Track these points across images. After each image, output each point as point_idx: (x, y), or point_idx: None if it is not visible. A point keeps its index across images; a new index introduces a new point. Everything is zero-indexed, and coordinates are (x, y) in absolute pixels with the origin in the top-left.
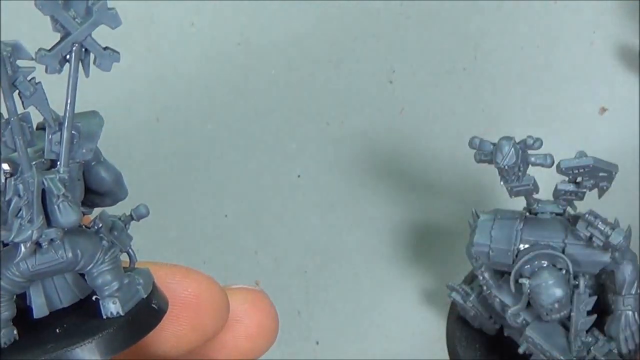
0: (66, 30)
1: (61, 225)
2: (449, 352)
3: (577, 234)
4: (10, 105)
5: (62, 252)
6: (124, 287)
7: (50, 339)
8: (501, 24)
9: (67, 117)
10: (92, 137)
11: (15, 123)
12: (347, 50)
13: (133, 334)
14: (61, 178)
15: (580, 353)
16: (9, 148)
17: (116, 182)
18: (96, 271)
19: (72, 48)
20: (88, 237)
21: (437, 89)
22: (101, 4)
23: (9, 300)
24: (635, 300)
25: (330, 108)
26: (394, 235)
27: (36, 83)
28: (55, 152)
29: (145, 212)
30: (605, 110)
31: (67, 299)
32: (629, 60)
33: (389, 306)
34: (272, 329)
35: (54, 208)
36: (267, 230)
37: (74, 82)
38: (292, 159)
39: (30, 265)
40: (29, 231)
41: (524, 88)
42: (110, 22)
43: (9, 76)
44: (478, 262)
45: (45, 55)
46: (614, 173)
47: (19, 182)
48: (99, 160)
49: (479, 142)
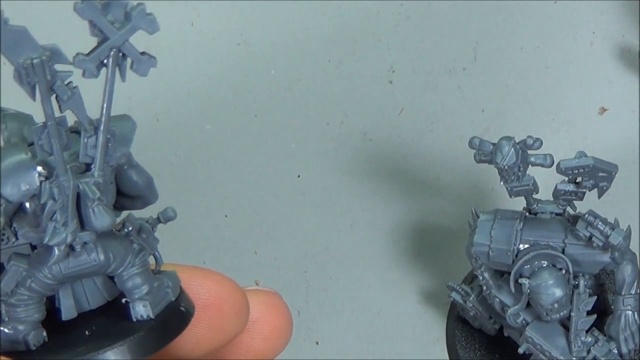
0: (104, 35)
1: (95, 229)
2: (449, 352)
3: (577, 234)
4: (47, 109)
5: (94, 255)
6: (153, 290)
7: (80, 341)
8: (501, 24)
9: (103, 121)
10: (126, 141)
11: (53, 127)
12: (347, 50)
13: (163, 337)
14: (96, 182)
15: (580, 353)
16: (45, 152)
17: (148, 185)
18: (126, 274)
19: (110, 53)
20: (119, 240)
21: (437, 89)
22: (140, 9)
23: (39, 302)
24: (635, 300)
25: (330, 108)
26: (394, 235)
27: (73, 87)
28: (90, 156)
29: (173, 215)
30: (605, 110)
31: (94, 302)
32: (629, 60)
33: (389, 306)
34: (286, 330)
35: (88, 212)
36: (267, 230)
37: (111, 86)
38: (292, 159)
39: (63, 268)
40: (63, 234)
41: (524, 88)
42: (148, 27)
43: (48, 80)
44: (478, 262)
45: (83, 59)
46: (614, 173)
47: (54, 186)
48: (131, 164)
49: (479, 142)
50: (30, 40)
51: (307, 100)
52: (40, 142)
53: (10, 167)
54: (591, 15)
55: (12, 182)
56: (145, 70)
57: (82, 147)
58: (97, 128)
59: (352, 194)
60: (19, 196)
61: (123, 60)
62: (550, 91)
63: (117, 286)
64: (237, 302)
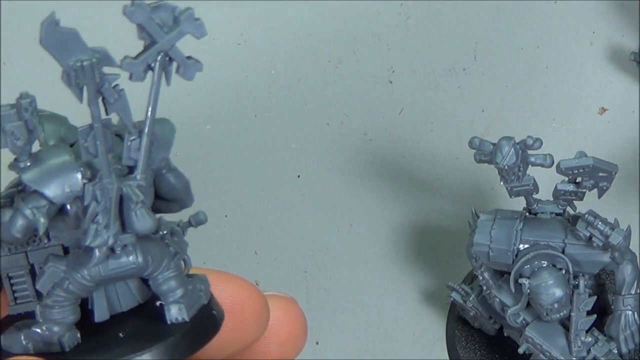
0: (152, 38)
1: (137, 231)
2: (449, 352)
3: (577, 234)
4: (95, 111)
5: (133, 258)
6: (188, 294)
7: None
8: (501, 24)
9: (147, 124)
10: (166, 144)
11: (99, 129)
12: (347, 50)
13: (197, 340)
14: (139, 185)
15: (580, 353)
16: (90, 154)
17: (185, 189)
18: (161, 277)
19: (158, 57)
20: (156, 243)
21: (437, 89)
22: (188, 13)
23: (74, 304)
24: (635, 300)
25: (330, 108)
26: (394, 235)
27: (120, 90)
28: (133, 159)
29: (204, 219)
30: (605, 110)
31: (126, 304)
32: (629, 60)
33: (389, 306)
34: (302, 336)
35: (130, 214)
36: (267, 230)
37: (157, 90)
38: (292, 159)
39: (102, 270)
40: (105, 236)
41: (524, 88)
42: (196, 32)
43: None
44: (478, 262)
45: (131, 63)
46: (614, 173)
47: (97, 188)
48: (170, 168)
49: (479, 142)
50: (80, 42)
51: (307, 100)
52: (86, 144)
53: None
54: (591, 15)
55: (56, 184)
56: (191, 75)
57: (125, 150)
58: (142, 131)
59: (352, 194)
60: (63, 198)
61: (169, 64)
62: (550, 91)
63: (152, 289)
64: (259, 307)
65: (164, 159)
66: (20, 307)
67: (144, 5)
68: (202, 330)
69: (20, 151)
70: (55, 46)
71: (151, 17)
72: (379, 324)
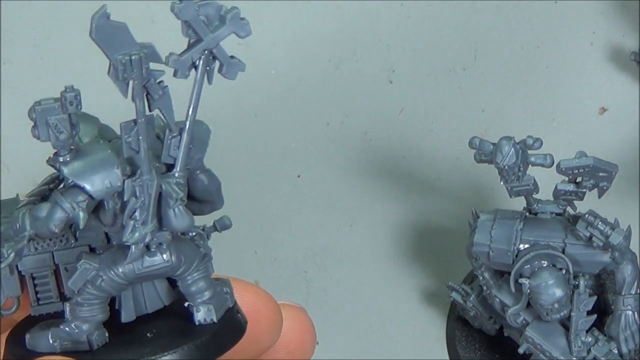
0: (198, 36)
1: (174, 229)
2: (449, 352)
3: (577, 234)
4: (139, 107)
5: (167, 257)
6: (216, 295)
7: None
8: (501, 24)
9: (188, 122)
10: (202, 145)
11: (142, 125)
12: (347, 50)
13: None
14: (177, 182)
15: (580, 353)
16: (132, 149)
17: (217, 191)
18: (190, 278)
19: (202, 54)
20: (188, 244)
21: (437, 89)
22: (235, 13)
23: (104, 302)
24: (635, 300)
25: (330, 108)
26: (394, 235)
27: (164, 86)
28: (172, 157)
29: (229, 223)
30: (605, 110)
31: (152, 306)
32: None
33: (389, 306)
34: (311, 345)
35: (168, 212)
36: (267, 230)
37: (199, 88)
38: (292, 159)
39: (136, 268)
40: (143, 233)
41: (524, 88)
42: (241, 32)
43: (143, 78)
44: (478, 262)
45: (177, 59)
46: (614, 173)
47: (137, 184)
48: (204, 169)
49: (479, 142)
50: (129, 36)
51: (307, 100)
52: (129, 139)
53: (96, 163)
54: (591, 15)
55: (97, 178)
56: (233, 74)
57: (165, 148)
58: (182, 129)
59: (352, 194)
60: (103, 193)
61: (212, 63)
62: (550, 91)
63: (180, 290)
64: (274, 316)
65: (200, 159)
66: (43, 308)
67: (192, 3)
68: (230, 332)
69: (62, 145)
70: (105, 40)
71: (198, 15)
72: (379, 324)
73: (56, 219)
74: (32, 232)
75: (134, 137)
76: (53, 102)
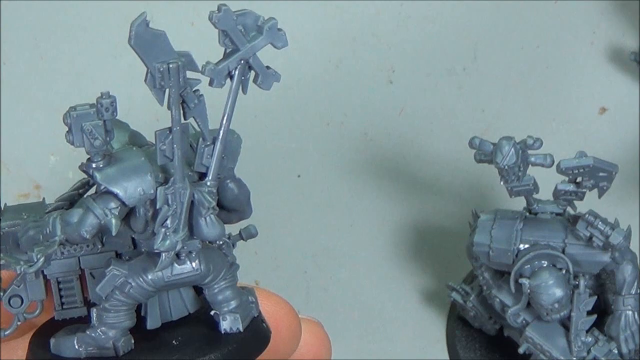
0: (235, 45)
1: (205, 238)
2: (449, 352)
3: (577, 234)
4: (175, 115)
5: (196, 265)
6: (242, 304)
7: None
8: (501, 24)
9: (222, 132)
10: (234, 154)
11: (177, 133)
12: (347, 50)
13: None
14: (210, 191)
15: (580, 353)
16: (167, 157)
17: (247, 200)
18: (218, 287)
19: (239, 64)
20: (216, 252)
21: (437, 89)
22: (272, 23)
23: (131, 309)
24: (635, 300)
25: (330, 108)
26: (394, 235)
27: (199, 95)
28: (205, 165)
29: (255, 232)
30: (605, 110)
31: (177, 313)
32: (629, 60)
33: (389, 306)
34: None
35: (199, 220)
36: (267, 230)
37: (234, 97)
38: (292, 159)
39: (165, 275)
40: (174, 241)
41: (524, 88)
42: (278, 42)
43: (180, 86)
44: (478, 262)
45: (214, 69)
46: (614, 173)
47: (169, 192)
48: (234, 178)
49: (479, 142)
50: (168, 44)
51: (307, 100)
52: (163, 146)
53: (129, 170)
54: (591, 15)
55: (130, 185)
56: (269, 85)
57: (198, 156)
58: (215, 137)
59: (352, 194)
60: (136, 200)
61: (248, 72)
62: (550, 91)
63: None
64: (294, 326)
65: (231, 169)
66: (66, 313)
67: (230, 12)
68: (255, 342)
69: (97, 151)
70: (143, 47)
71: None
72: (379, 324)
73: (88, 224)
74: (63, 237)
75: (168, 145)
76: (88, 108)
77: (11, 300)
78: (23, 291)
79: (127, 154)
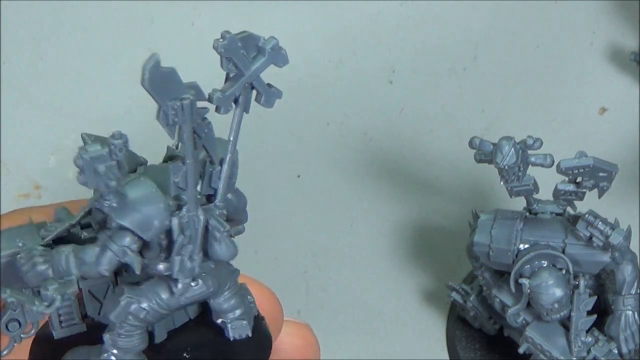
0: (239, 70)
1: (220, 259)
2: (449, 352)
3: (577, 234)
4: (189, 149)
5: (210, 283)
6: (246, 309)
7: None
8: (501, 24)
9: (229, 155)
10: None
11: (191, 166)
12: (347, 50)
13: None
14: (220, 213)
15: (580, 353)
16: (180, 188)
17: (244, 209)
18: (223, 297)
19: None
20: (224, 265)
21: (437, 89)
22: (274, 44)
23: (144, 331)
24: (635, 300)
25: (330, 108)
26: (394, 235)
27: (208, 123)
28: (213, 188)
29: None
30: (605, 110)
31: (179, 321)
32: (628, 60)
33: (389, 306)
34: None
35: (214, 243)
36: (267, 230)
37: (239, 120)
38: (292, 159)
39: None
40: (191, 267)
41: (524, 88)
42: (280, 62)
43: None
44: (478, 262)
45: (221, 97)
46: (614, 173)
47: (183, 220)
48: (233, 190)
49: (479, 142)
50: (178, 80)
51: (307, 100)
52: (177, 179)
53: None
54: (591, 15)
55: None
56: (271, 103)
57: (205, 179)
58: (223, 160)
59: (352, 194)
60: (152, 234)
61: (250, 92)
62: (550, 91)
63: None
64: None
65: (233, 183)
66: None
67: (234, 39)
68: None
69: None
70: (157, 87)
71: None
72: (379, 324)
73: (105, 263)
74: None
75: (182, 177)
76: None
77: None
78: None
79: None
